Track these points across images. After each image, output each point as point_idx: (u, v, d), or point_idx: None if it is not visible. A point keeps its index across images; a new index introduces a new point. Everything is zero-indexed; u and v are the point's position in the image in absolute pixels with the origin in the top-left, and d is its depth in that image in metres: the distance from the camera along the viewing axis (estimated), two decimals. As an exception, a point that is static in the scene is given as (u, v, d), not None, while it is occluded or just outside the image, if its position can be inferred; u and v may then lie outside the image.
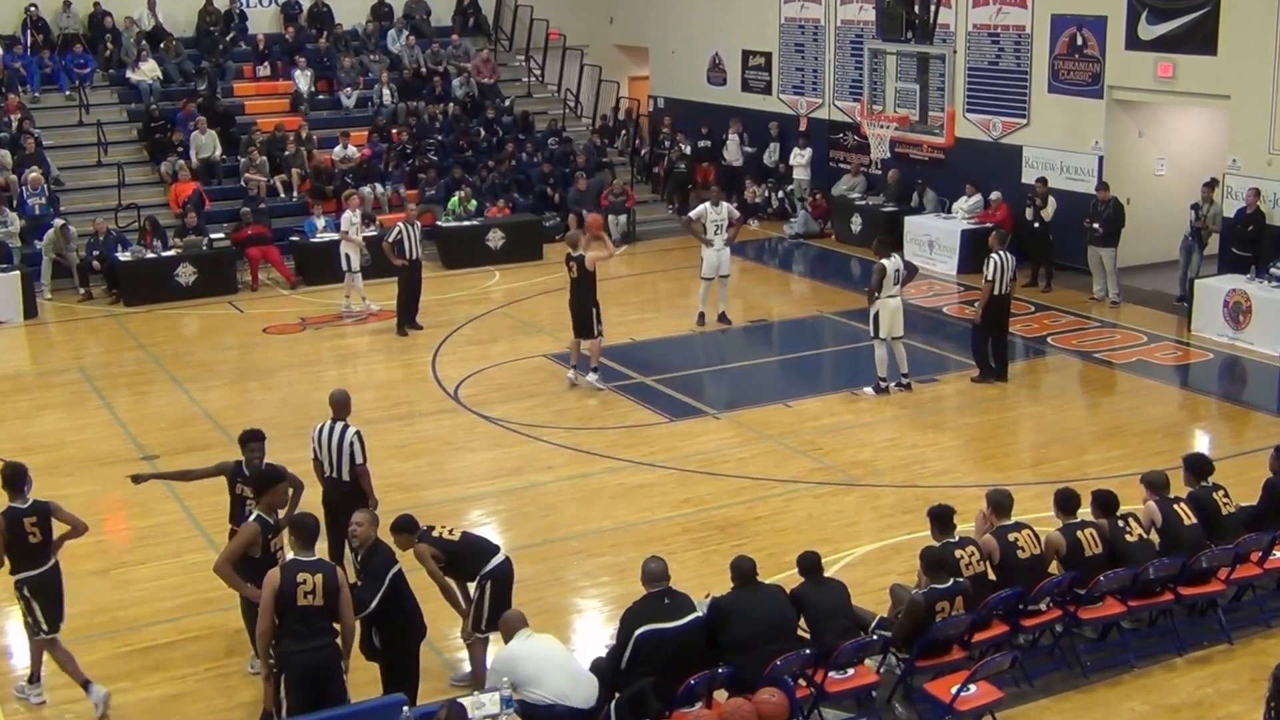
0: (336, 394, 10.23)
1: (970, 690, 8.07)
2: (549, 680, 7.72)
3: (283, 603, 7.63)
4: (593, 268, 14.82)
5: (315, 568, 7.74)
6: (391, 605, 8.22)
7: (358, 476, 9.86)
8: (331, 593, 7.71)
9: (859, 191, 23.08)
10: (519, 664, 7.77)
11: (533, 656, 7.80)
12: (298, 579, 7.65)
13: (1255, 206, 17.12)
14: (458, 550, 8.80)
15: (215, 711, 8.89)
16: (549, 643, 8.01)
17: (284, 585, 7.64)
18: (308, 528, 7.92)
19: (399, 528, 8.83)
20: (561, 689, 7.71)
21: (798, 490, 12.36)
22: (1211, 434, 14.03)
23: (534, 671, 7.73)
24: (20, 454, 13.38)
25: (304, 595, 7.63)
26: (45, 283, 19.81)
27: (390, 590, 8.19)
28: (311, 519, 8.09)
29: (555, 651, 7.96)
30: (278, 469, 9.02)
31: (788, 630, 8.29)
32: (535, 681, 7.71)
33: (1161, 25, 18.29)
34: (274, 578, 7.69)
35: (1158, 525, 9.54)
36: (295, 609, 7.63)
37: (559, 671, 7.80)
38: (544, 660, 7.81)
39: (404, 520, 8.87)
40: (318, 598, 7.65)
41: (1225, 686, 8.92)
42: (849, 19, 23.36)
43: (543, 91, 27.27)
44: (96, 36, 24.57)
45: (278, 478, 8.82)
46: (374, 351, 17.30)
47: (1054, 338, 17.16)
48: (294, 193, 22.22)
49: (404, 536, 8.80)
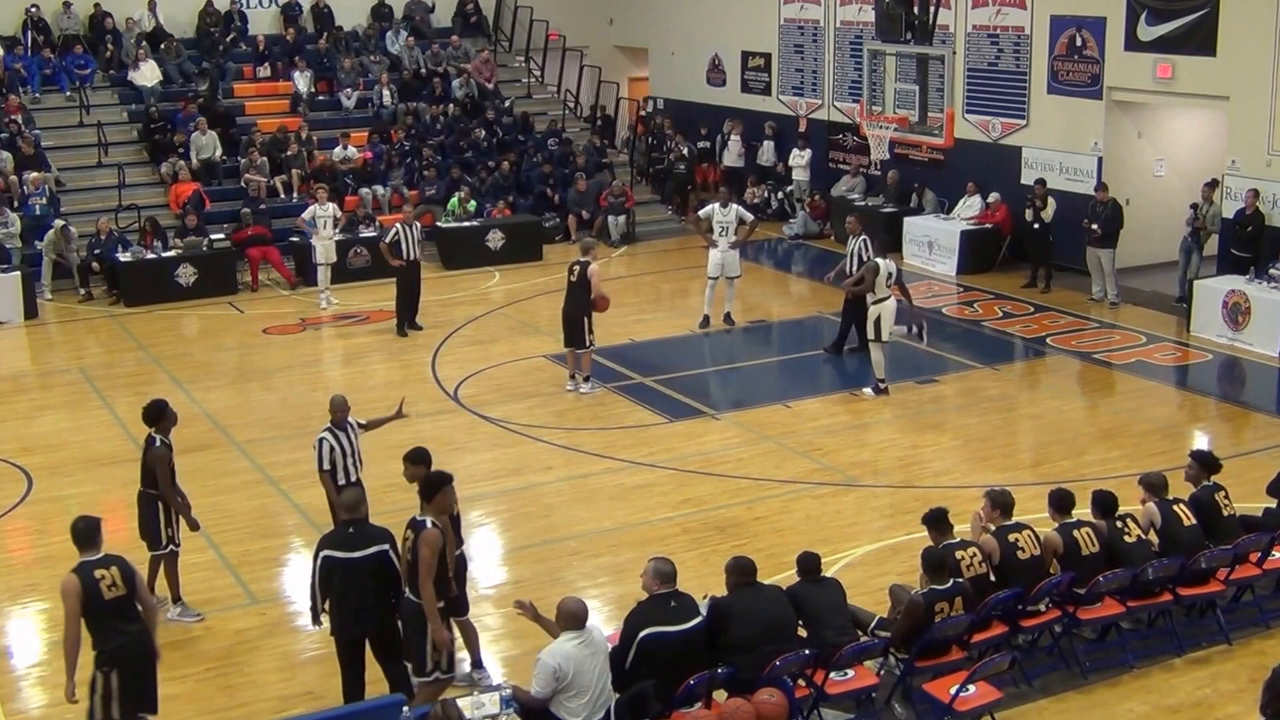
0: (338, 399, 10.34)
1: (969, 691, 8.08)
2: (577, 705, 7.52)
3: (91, 604, 7.70)
4: (594, 281, 14.80)
5: (107, 563, 7.83)
6: None
7: None
8: (129, 580, 7.84)
9: (858, 192, 23.10)
10: (564, 673, 7.51)
11: (585, 672, 7.54)
12: (95, 575, 7.74)
13: (1254, 207, 17.13)
14: None
15: (215, 711, 8.91)
16: (598, 657, 7.64)
17: (86, 586, 7.69)
18: (84, 531, 7.96)
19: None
20: (584, 709, 7.55)
21: (797, 491, 12.37)
22: (1210, 435, 14.03)
23: (573, 684, 7.52)
24: (20, 454, 13.48)
25: (108, 589, 7.73)
26: (46, 283, 19.84)
27: None
28: (86, 521, 8.05)
29: (602, 673, 7.64)
30: (442, 474, 8.73)
31: (788, 631, 8.29)
32: (570, 692, 7.52)
33: (1161, 26, 18.30)
34: (73, 583, 7.69)
35: (1156, 526, 9.56)
36: (105, 603, 7.73)
37: (591, 699, 7.55)
38: (586, 681, 7.53)
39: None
40: (119, 588, 7.77)
41: (1224, 687, 8.94)
42: (848, 20, 23.38)
43: (542, 92, 27.29)
44: (97, 37, 24.59)
45: (444, 482, 8.56)
46: (374, 352, 17.31)
47: (1053, 338, 17.17)
48: (294, 194, 22.25)
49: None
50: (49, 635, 9.94)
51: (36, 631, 10.10)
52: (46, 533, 11.64)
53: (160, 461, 9.81)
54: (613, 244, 22.94)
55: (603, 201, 23.23)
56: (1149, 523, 9.58)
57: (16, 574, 11.03)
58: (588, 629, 7.68)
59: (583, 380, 15.23)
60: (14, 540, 11.80)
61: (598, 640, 7.74)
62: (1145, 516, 9.61)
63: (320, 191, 19.57)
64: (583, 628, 7.65)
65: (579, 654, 7.55)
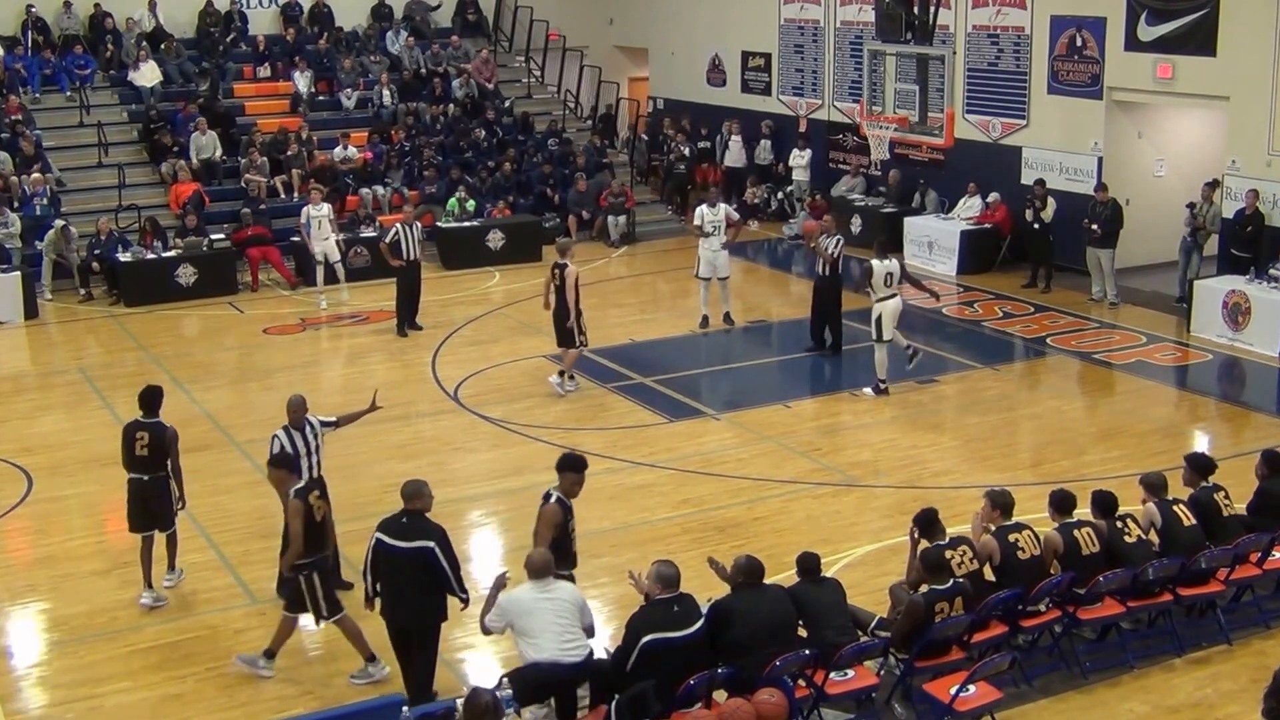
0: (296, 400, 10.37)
1: (969, 691, 8.07)
2: (541, 642, 7.84)
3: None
4: (574, 282, 14.80)
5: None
6: None
7: None
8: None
9: (858, 192, 23.11)
10: (521, 616, 7.92)
11: (537, 612, 7.90)
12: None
13: (1254, 208, 17.13)
14: None
15: (215, 711, 8.90)
16: (558, 603, 7.98)
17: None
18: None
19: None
20: (552, 653, 7.82)
21: (797, 491, 12.37)
22: (1210, 435, 14.05)
23: (531, 626, 7.88)
24: (21, 454, 13.47)
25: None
26: (46, 283, 19.84)
27: None
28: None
29: (560, 615, 7.94)
30: (576, 456, 9.13)
31: (789, 631, 8.29)
32: (529, 635, 7.88)
33: (1161, 26, 18.30)
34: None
35: (1157, 526, 9.56)
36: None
37: (553, 636, 7.86)
38: (543, 621, 7.88)
39: None
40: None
41: (1224, 687, 8.93)
42: (848, 20, 23.38)
43: (543, 93, 27.29)
44: (97, 37, 24.59)
45: (582, 464, 9.02)
46: (374, 352, 17.30)
47: (1053, 339, 17.17)
48: (294, 194, 22.24)
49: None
50: (49, 635, 9.96)
51: (36, 631, 10.10)
52: (46, 533, 11.66)
53: (175, 440, 10.32)
54: (613, 244, 22.94)
55: (603, 202, 23.24)
56: (1149, 523, 9.57)
57: (17, 574, 11.03)
58: (556, 584, 8.06)
59: (567, 378, 15.21)
60: (14, 540, 11.79)
61: (562, 595, 8.02)
62: (1145, 517, 9.60)
63: (314, 193, 19.56)
64: (543, 579, 8.02)
65: (529, 599, 7.95)
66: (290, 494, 8.99)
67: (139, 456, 10.21)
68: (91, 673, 9.07)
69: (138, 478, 10.25)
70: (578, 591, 8.26)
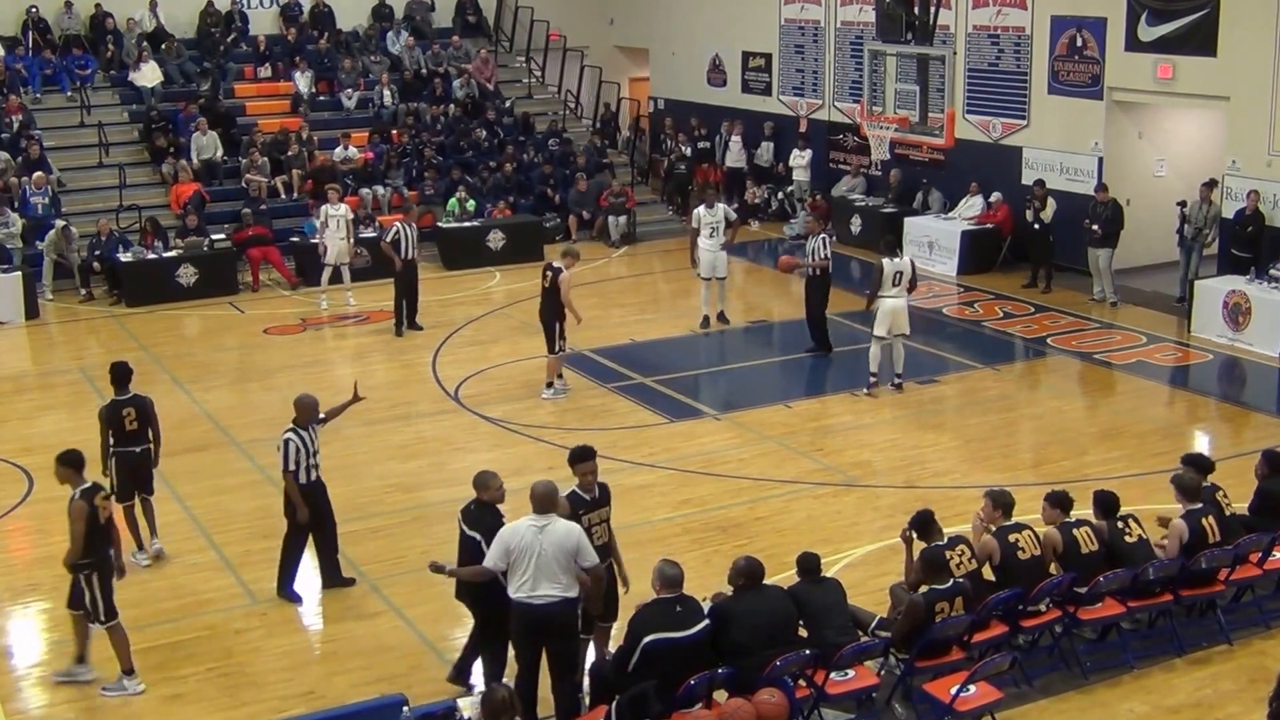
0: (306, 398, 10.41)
1: (970, 691, 8.08)
2: (515, 580, 7.91)
3: None
4: (563, 288, 14.75)
5: None
6: None
7: None
8: None
9: (859, 192, 23.11)
10: (511, 549, 7.96)
11: (526, 549, 7.92)
12: None
13: (1254, 208, 17.13)
14: None
15: (215, 711, 8.90)
16: (549, 544, 7.94)
17: None
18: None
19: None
20: (524, 593, 7.89)
21: (798, 491, 12.37)
22: (1211, 435, 14.05)
23: (515, 561, 7.93)
24: (21, 454, 13.47)
25: None
26: (47, 283, 19.84)
27: None
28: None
29: (544, 558, 7.92)
30: (587, 448, 8.97)
31: (790, 632, 8.29)
32: (513, 569, 7.93)
33: (1161, 26, 18.30)
34: None
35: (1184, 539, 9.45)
36: None
37: (528, 578, 7.90)
38: (524, 560, 7.91)
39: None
40: None
41: (1225, 687, 8.93)
42: (849, 20, 23.37)
43: (543, 93, 27.29)
44: (98, 38, 24.60)
45: (589, 455, 8.85)
46: (374, 352, 17.31)
47: (1054, 339, 17.17)
48: (295, 194, 22.25)
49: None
50: (49, 635, 9.96)
51: (37, 631, 10.11)
52: (47, 532, 11.63)
53: (154, 408, 11.01)
54: (613, 244, 22.95)
55: (603, 202, 23.24)
56: (1053, 546, 9.25)
57: (17, 574, 11.04)
58: (554, 522, 8.01)
59: (546, 385, 15.12)
60: (14, 540, 11.81)
61: (554, 535, 7.97)
62: (1047, 541, 9.28)
63: (332, 192, 19.49)
64: (544, 513, 8.03)
65: (526, 530, 7.98)
66: (76, 494, 8.97)
67: (130, 431, 10.72)
68: (93, 672, 9.06)
69: (129, 450, 10.77)
70: (577, 533, 8.10)
